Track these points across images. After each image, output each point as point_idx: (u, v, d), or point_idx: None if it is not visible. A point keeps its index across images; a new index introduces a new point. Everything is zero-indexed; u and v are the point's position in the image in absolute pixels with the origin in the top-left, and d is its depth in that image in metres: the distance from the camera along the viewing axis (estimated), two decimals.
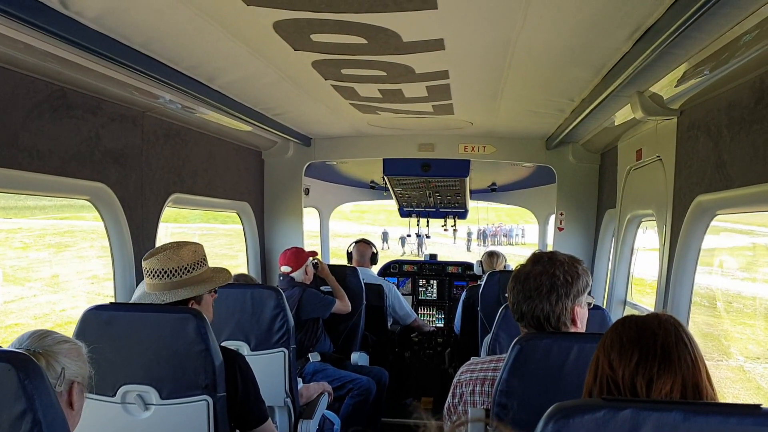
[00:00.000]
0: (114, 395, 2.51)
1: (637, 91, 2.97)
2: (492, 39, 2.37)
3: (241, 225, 5.29)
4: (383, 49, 2.48)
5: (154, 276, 2.69)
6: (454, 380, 2.49)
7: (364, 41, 2.37)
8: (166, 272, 2.68)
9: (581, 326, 2.23)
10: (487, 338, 3.04)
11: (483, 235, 44.19)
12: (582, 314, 2.23)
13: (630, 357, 1.53)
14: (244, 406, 2.67)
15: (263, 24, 2.22)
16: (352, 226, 43.30)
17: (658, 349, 1.51)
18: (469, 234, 43.17)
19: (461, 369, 2.53)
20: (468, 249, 39.36)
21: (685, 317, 3.07)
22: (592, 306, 2.33)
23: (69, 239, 21.69)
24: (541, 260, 2.24)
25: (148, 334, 2.49)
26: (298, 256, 4.82)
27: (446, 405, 2.50)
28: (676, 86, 2.75)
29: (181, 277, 2.70)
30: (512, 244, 43.95)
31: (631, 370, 1.52)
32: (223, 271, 2.91)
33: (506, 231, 46.69)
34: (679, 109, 3.05)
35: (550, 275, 2.18)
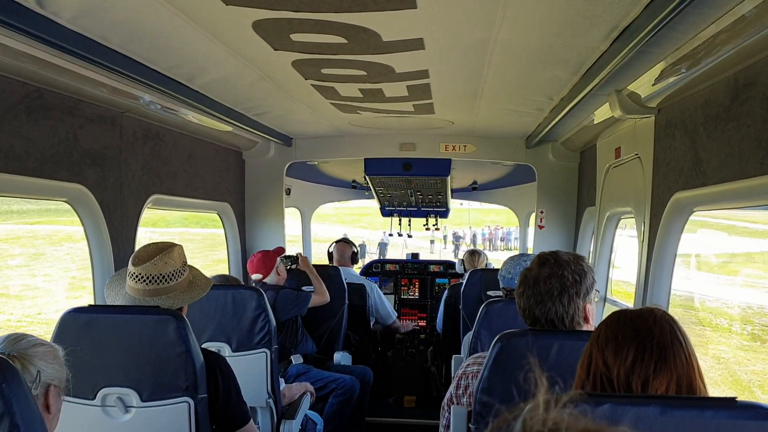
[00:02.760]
0: (94, 398, 2.48)
1: (615, 90, 3.00)
2: (471, 39, 2.38)
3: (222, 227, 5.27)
4: (363, 49, 2.49)
5: (149, 281, 2.63)
6: (459, 371, 2.49)
7: (344, 41, 2.37)
8: (163, 277, 2.65)
9: (593, 323, 2.23)
10: (468, 336, 3.06)
11: (473, 240, 41.62)
12: (592, 311, 2.23)
13: (626, 355, 1.52)
14: (226, 408, 2.65)
15: (242, 23, 2.21)
16: (347, 232, 39.55)
17: (654, 347, 1.50)
18: (458, 238, 40.46)
19: (467, 361, 2.52)
20: (456, 257, 35.87)
21: None
22: (598, 300, 2.32)
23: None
24: (547, 262, 2.22)
25: (128, 336, 2.47)
26: (266, 261, 4.76)
27: (447, 396, 2.50)
28: (653, 85, 2.78)
29: (177, 280, 2.68)
30: (510, 249, 39.83)
31: (626, 368, 1.51)
32: (195, 269, 2.88)
33: (504, 235, 42.73)
34: (657, 108, 3.09)
35: (559, 276, 2.17)
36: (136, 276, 2.64)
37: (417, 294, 7.49)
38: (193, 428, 2.47)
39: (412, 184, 6.15)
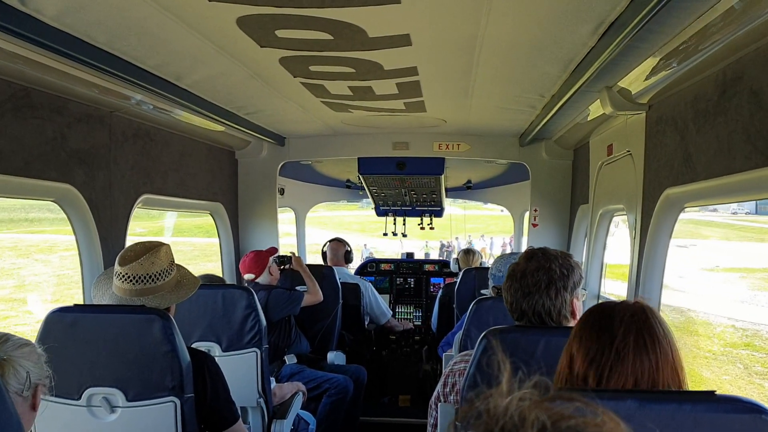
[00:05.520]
0: (79, 398, 2.47)
1: (606, 86, 2.98)
2: (458, 34, 2.37)
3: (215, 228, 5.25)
4: (349, 45, 2.47)
5: (136, 281, 2.61)
6: (446, 370, 2.48)
7: (330, 37, 2.35)
8: (150, 277, 2.63)
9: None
10: (459, 334, 3.04)
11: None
12: (579, 307, 2.22)
13: (587, 351, 1.52)
14: (214, 407, 2.64)
15: (226, 20, 2.19)
16: (367, 242, 33.96)
17: (613, 350, 1.49)
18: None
19: (455, 359, 2.51)
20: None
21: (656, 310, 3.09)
22: (585, 298, 2.32)
23: None
24: (535, 256, 2.22)
25: (114, 335, 2.45)
26: (258, 261, 4.75)
27: (435, 394, 2.49)
28: (644, 80, 2.77)
29: (164, 280, 2.67)
30: None
31: (586, 364, 1.51)
32: (183, 268, 2.86)
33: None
34: (648, 104, 3.08)
35: (547, 269, 2.17)
36: (123, 276, 2.62)
37: (412, 293, 7.48)
38: (180, 428, 2.46)
39: (406, 183, 6.13)
